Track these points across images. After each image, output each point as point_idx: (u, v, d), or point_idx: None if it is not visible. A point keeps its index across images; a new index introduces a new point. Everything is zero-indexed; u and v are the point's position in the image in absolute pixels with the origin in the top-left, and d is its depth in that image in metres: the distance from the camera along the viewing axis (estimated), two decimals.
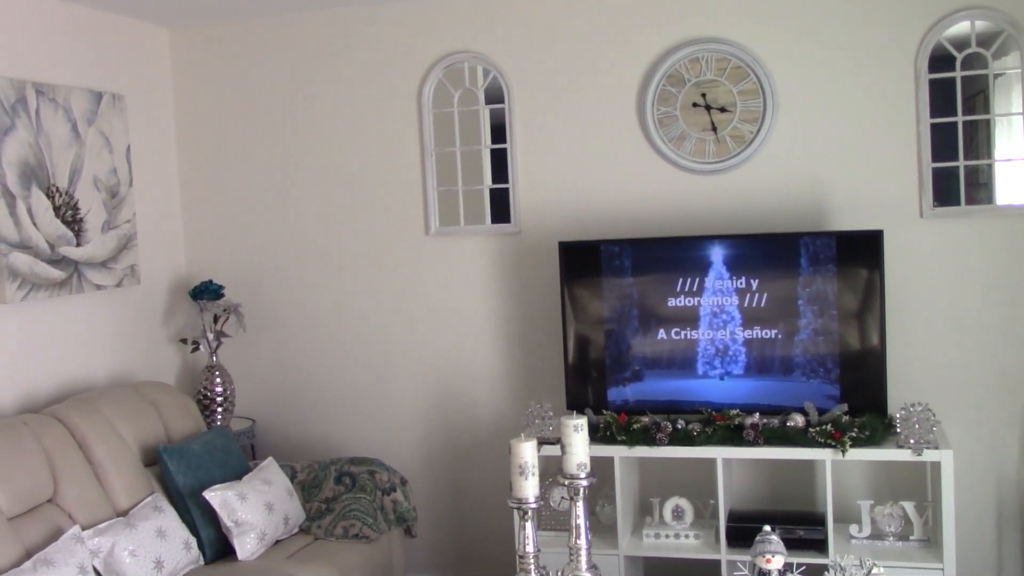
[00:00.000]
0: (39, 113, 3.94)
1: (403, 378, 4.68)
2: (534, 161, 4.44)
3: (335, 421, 4.77)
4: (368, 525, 3.93)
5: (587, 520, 2.98)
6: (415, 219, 4.60)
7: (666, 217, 4.27)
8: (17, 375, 3.85)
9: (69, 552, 3.13)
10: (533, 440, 2.89)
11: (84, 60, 4.26)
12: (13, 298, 3.79)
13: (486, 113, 4.49)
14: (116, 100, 4.38)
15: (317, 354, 4.78)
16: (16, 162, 3.81)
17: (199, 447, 3.89)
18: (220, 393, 4.57)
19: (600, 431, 3.96)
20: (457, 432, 4.63)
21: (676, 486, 4.16)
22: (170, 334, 4.77)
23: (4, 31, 3.84)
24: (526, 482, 2.87)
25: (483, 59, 4.45)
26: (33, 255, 3.88)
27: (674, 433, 3.89)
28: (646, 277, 4.07)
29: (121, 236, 4.38)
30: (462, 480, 4.64)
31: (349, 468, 4.11)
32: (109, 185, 4.32)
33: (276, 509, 3.82)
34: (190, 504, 3.71)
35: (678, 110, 4.22)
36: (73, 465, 3.51)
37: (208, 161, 4.87)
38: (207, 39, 4.81)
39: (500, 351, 4.54)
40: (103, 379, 4.31)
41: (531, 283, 4.47)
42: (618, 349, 4.10)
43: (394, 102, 4.58)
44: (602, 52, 4.31)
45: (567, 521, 4.01)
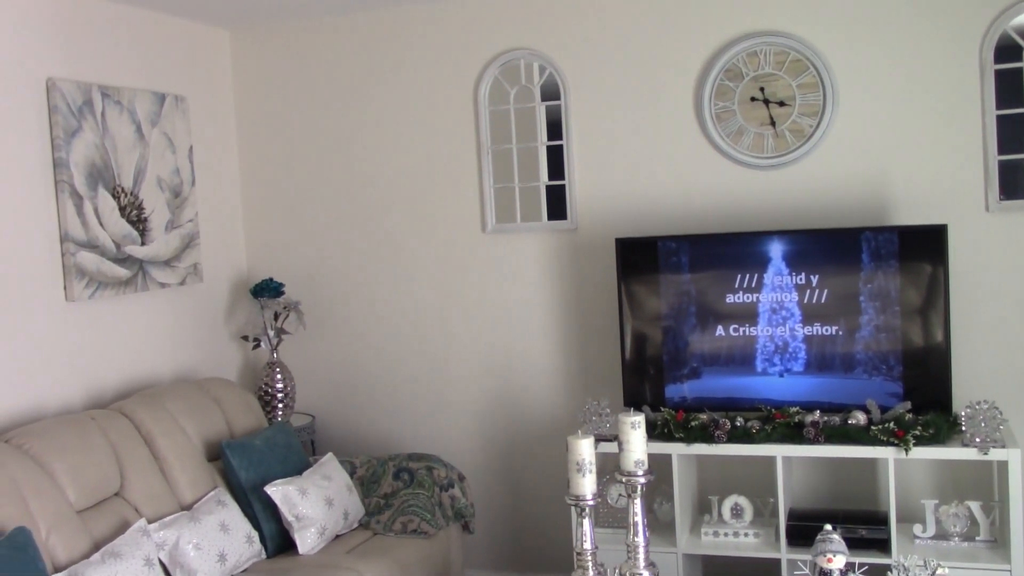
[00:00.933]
0: (105, 115, 4.03)
1: (461, 374, 4.70)
2: (590, 157, 4.43)
3: (394, 417, 4.81)
4: (426, 521, 3.95)
5: (645, 517, 2.97)
6: (472, 216, 4.62)
7: (724, 213, 4.23)
8: (85, 371, 3.95)
9: (136, 545, 3.20)
10: (590, 437, 2.89)
11: (148, 63, 4.35)
12: (81, 296, 3.88)
13: (542, 110, 4.49)
14: (179, 101, 4.46)
15: (376, 351, 4.82)
16: (83, 163, 3.91)
17: (261, 443, 3.95)
18: (281, 389, 4.63)
19: (658, 428, 3.94)
20: (514, 428, 4.64)
21: (735, 484, 4.13)
22: (232, 331, 4.85)
23: (70, 36, 3.93)
24: (583, 479, 2.87)
25: (539, 56, 4.45)
26: (100, 254, 3.97)
27: (733, 431, 3.86)
28: (704, 273, 4.04)
29: (184, 235, 4.47)
30: (519, 476, 4.65)
31: (407, 464, 4.14)
32: (172, 185, 4.40)
33: (336, 504, 3.86)
34: (252, 499, 3.76)
35: (736, 104, 4.18)
36: (139, 460, 3.59)
37: (268, 160, 4.93)
38: (267, 40, 4.87)
39: (557, 348, 4.54)
40: (167, 375, 4.40)
41: (588, 280, 4.46)
42: (676, 346, 4.08)
43: (451, 100, 4.60)
44: (659, 47, 4.29)
45: (624, 518, 4.00)
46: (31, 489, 3.12)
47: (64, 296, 3.85)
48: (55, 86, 3.80)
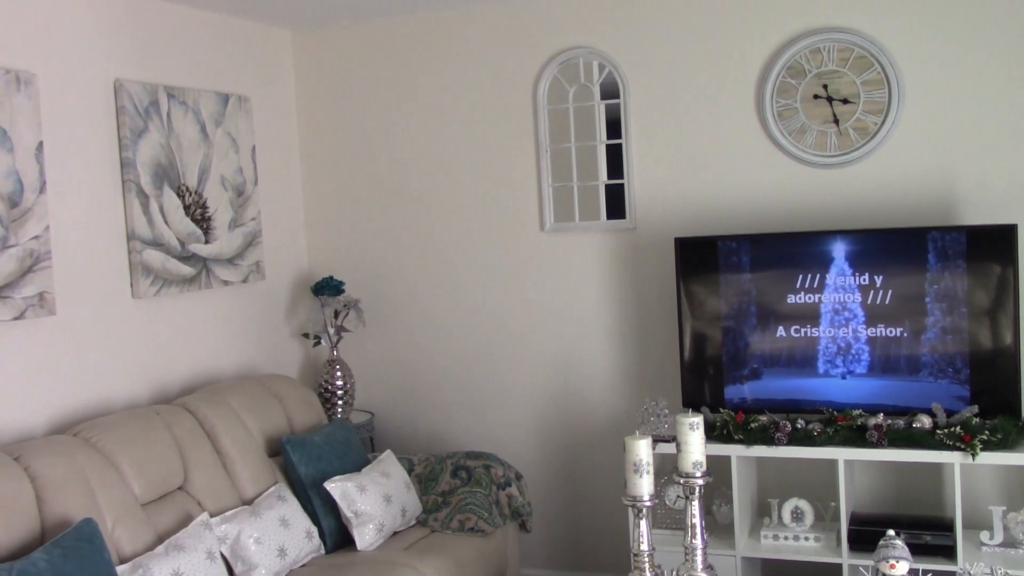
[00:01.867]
0: (170, 116, 4.10)
1: (518, 373, 4.70)
2: (650, 156, 4.40)
3: (451, 415, 4.84)
4: (483, 519, 3.96)
5: (703, 519, 2.94)
6: (530, 215, 4.62)
7: (785, 212, 4.17)
8: (150, 367, 4.02)
9: (198, 538, 3.25)
10: (648, 438, 2.87)
11: (212, 64, 4.42)
12: (146, 293, 3.96)
13: (601, 108, 4.47)
14: (242, 102, 4.53)
15: (434, 349, 4.85)
16: (149, 163, 3.98)
17: (320, 439, 4.00)
18: (340, 386, 4.68)
19: (716, 429, 3.90)
20: (572, 428, 4.63)
21: (795, 487, 4.08)
22: (293, 329, 4.91)
23: (137, 38, 4.01)
24: (641, 480, 2.85)
25: (599, 54, 4.43)
26: (165, 252, 4.05)
27: (794, 433, 3.81)
28: (765, 273, 3.99)
29: (247, 233, 4.53)
30: (576, 476, 4.64)
31: (465, 462, 4.15)
32: (235, 184, 4.47)
33: (394, 501, 3.89)
34: (311, 494, 3.81)
35: (798, 102, 4.12)
36: (202, 454, 3.65)
37: (329, 159, 4.99)
38: (328, 40, 4.92)
39: (615, 347, 4.52)
40: (230, 371, 4.47)
41: (646, 279, 4.43)
42: (735, 346, 4.04)
43: (510, 99, 4.60)
44: (719, 44, 4.24)
45: (682, 520, 3.97)
46: (99, 481, 3.19)
47: (131, 293, 3.93)
48: (123, 87, 3.88)
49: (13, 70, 3.41)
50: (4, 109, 3.36)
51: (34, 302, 3.46)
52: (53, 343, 3.59)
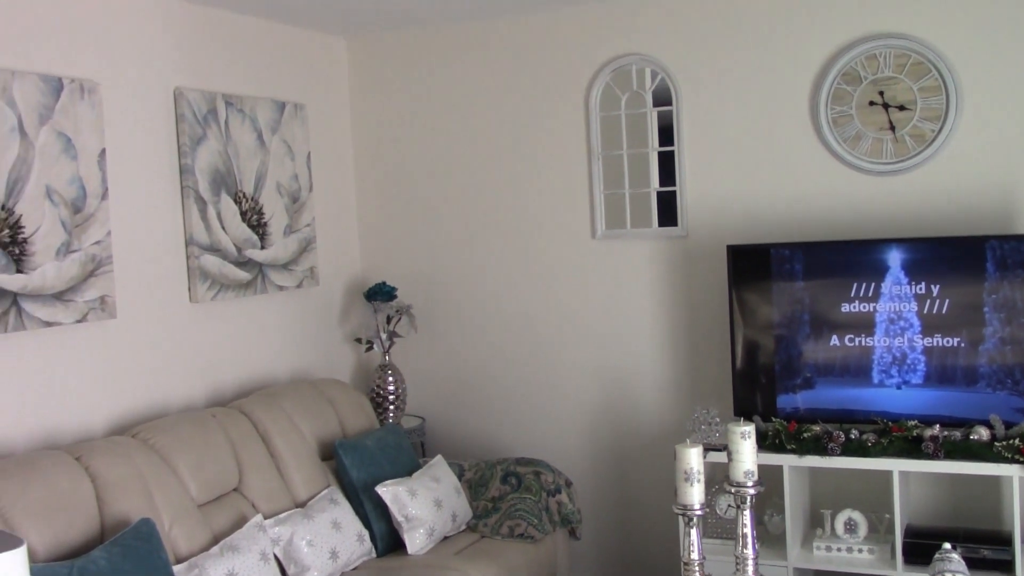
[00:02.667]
0: (228, 123, 4.17)
1: (569, 380, 4.71)
2: (702, 163, 4.38)
3: (502, 421, 4.85)
4: (533, 525, 3.97)
5: (754, 529, 2.92)
6: (582, 222, 4.62)
7: (840, 220, 4.13)
8: (207, 370, 4.09)
9: (252, 539, 3.30)
10: (699, 446, 2.86)
11: (268, 72, 4.49)
12: (204, 298, 4.03)
13: (653, 116, 4.46)
14: (298, 109, 4.60)
15: (485, 355, 4.87)
16: (207, 170, 4.06)
17: (372, 443, 4.03)
18: (392, 391, 4.72)
19: (768, 439, 3.87)
20: (622, 435, 4.62)
21: (849, 498, 4.03)
22: (346, 333, 4.96)
23: (196, 47, 4.09)
24: (691, 488, 2.84)
25: (651, 61, 4.42)
26: (222, 257, 4.12)
27: (847, 443, 3.77)
28: (818, 281, 3.96)
29: (301, 239, 4.59)
30: (627, 483, 4.63)
31: (515, 468, 4.16)
32: (291, 190, 4.53)
33: (444, 506, 3.91)
34: (363, 498, 3.84)
35: (854, 109, 4.08)
36: (257, 457, 3.71)
37: (382, 166, 5.04)
38: (382, 48, 4.98)
39: (666, 355, 4.51)
40: (283, 375, 4.53)
41: (698, 287, 4.41)
42: (788, 355, 4.00)
43: (562, 106, 4.62)
44: (773, 50, 4.22)
45: (733, 529, 3.95)
46: (156, 482, 3.25)
47: (189, 298, 4.00)
48: (182, 95, 3.96)
49: (78, 79, 3.50)
50: (69, 117, 3.45)
51: (96, 306, 3.54)
52: (113, 346, 3.67)
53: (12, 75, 3.26)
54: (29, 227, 3.31)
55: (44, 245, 3.36)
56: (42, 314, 3.35)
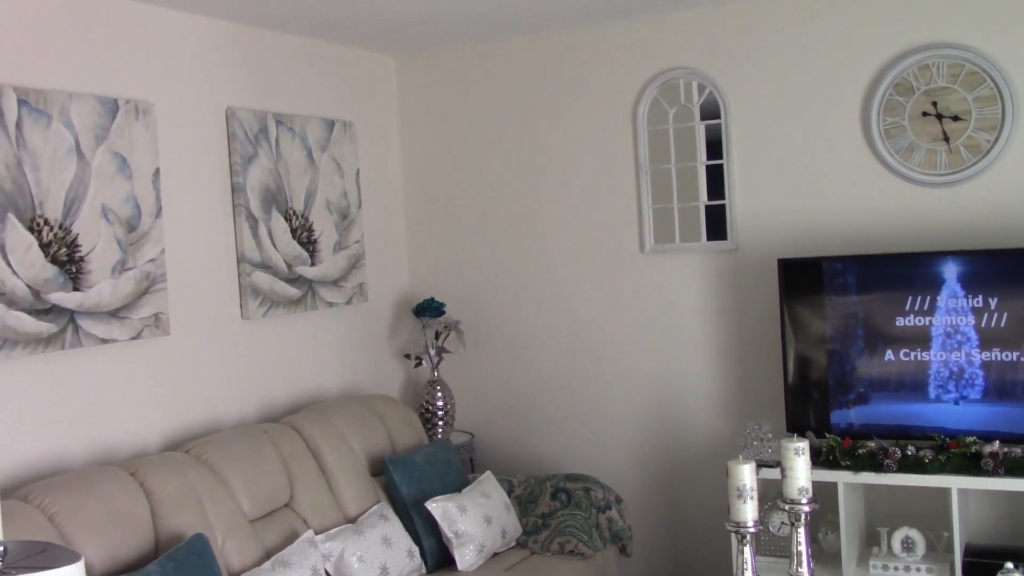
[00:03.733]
0: (279, 141, 4.22)
1: (618, 395, 4.68)
2: (752, 176, 4.35)
3: (551, 437, 4.83)
4: (584, 542, 3.95)
5: (809, 547, 2.87)
6: (630, 236, 4.60)
7: (893, 232, 4.07)
8: (258, 386, 4.13)
9: (303, 555, 3.32)
10: (752, 462, 2.82)
11: (318, 90, 4.54)
12: (255, 314, 4.07)
13: (701, 129, 4.44)
14: (347, 127, 4.64)
15: (534, 370, 4.86)
16: (258, 188, 4.11)
17: (422, 459, 4.04)
18: (441, 407, 4.73)
19: (822, 455, 3.82)
20: (672, 451, 4.58)
21: (905, 516, 3.95)
22: (394, 349, 4.98)
23: (247, 66, 4.14)
24: (744, 505, 2.80)
25: (699, 75, 4.40)
26: (273, 274, 4.16)
27: (903, 459, 3.70)
28: (872, 295, 3.90)
29: (351, 256, 4.63)
30: (677, 500, 4.58)
31: (565, 484, 4.14)
32: (340, 208, 4.57)
33: (494, 522, 3.90)
34: (413, 514, 3.85)
35: (906, 120, 4.03)
36: (307, 472, 3.73)
37: (430, 183, 5.06)
38: (430, 66, 5.01)
39: (716, 370, 4.46)
40: (333, 391, 4.56)
41: (748, 301, 4.37)
42: (842, 370, 3.94)
43: (610, 121, 4.61)
44: (823, 62, 4.18)
45: (786, 547, 3.89)
46: (209, 497, 3.28)
47: (240, 314, 4.05)
48: (234, 115, 4.01)
49: (133, 100, 3.56)
50: (124, 137, 3.51)
51: (150, 322, 3.59)
52: (167, 362, 3.72)
53: (69, 97, 3.33)
54: (85, 246, 3.37)
55: (100, 263, 3.42)
56: (98, 331, 3.40)
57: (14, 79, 3.19)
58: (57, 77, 3.34)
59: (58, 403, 3.32)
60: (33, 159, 3.20)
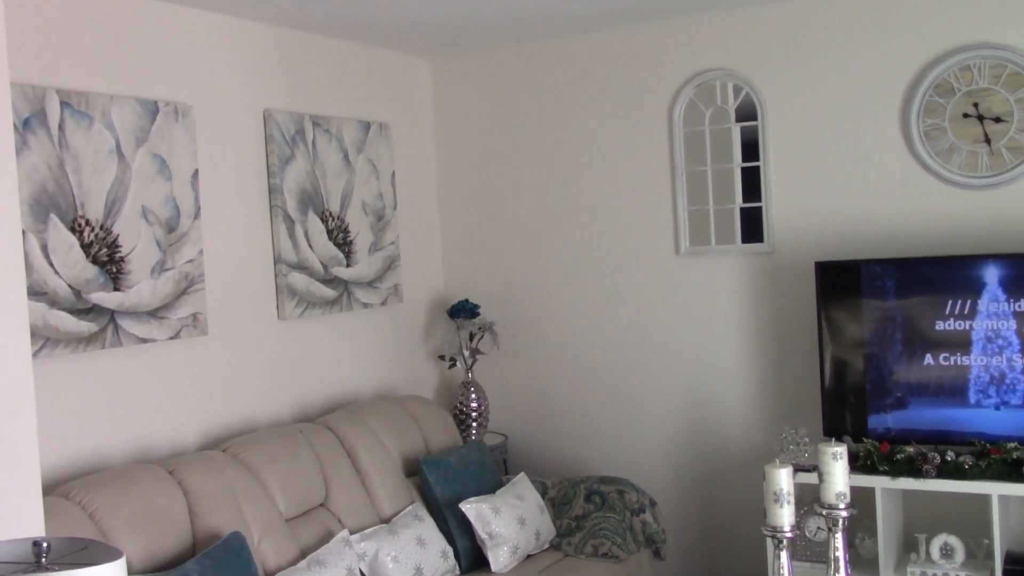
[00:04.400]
0: (315, 143, 4.25)
1: (652, 398, 4.66)
2: (789, 178, 4.32)
3: (585, 439, 4.82)
4: (618, 545, 3.93)
5: (847, 553, 2.84)
6: (666, 239, 4.58)
7: (933, 235, 4.02)
8: (294, 386, 4.16)
9: (339, 554, 3.33)
10: (789, 467, 2.80)
11: (354, 92, 4.56)
12: (291, 315, 4.10)
13: (737, 131, 4.41)
14: (382, 129, 4.66)
15: (568, 372, 4.85)
16: (295, 189, 4.13)
17: (456, 460, 4.04)
18: (475, 408, 4.73)
19: (860, 460, 3.78)
20: (707, 454, 4.56)
21: (944, 522, 3.90)
22: (429, 350, 4.99)
23: (285, 69, 4.17)
24: (781, 510, 2.77)
25: (736, 76, 4.38)
26: (309, 275, 4.19)
27: (943, 465, 3.66)
28: (911, 299, 3.86)
29: (386, 257, 4.64)
30: (712, 504, 4.56)
31: (599, 487, 4.13)
32: (376, 209, 4.59)
33: (528, 524, 3.90)
34: (447, 515, 3.85)
35: (947, 121, 3.98)
36: (342, 472, 3.75)
37: (465, 184, 5.07)
38: (465, 68, 5.02)
39: (752, 373, 4.43)
40: (368, 391, 4.58)
41: (785, 304, 4.34)
42: (879, 374, 3.90)
43: (645, 122, 4.59)
44: (863, 62, 4.14)
45: (823, 552, 3.86)
46: (246, 496, 3.31)
47: (277, 315, 4.07)
48: (271, 117, 4.04)
49: (172, 102, 3.60)
50: (164, 139, 3.55)
51: (188, 322, 3.62)
52: (204, 362, 3.75)
53: (111, 99, 3.37)
54: (126, 246, 3.41)
55: (140, 264, 3.45)
56: (137, 331, 3.44)
57: (57, 82, 3.23)
58: (98, 79, 3.38)
59: (98, 401, 3.36)
60: (75, 160, 3.24)
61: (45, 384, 3.16)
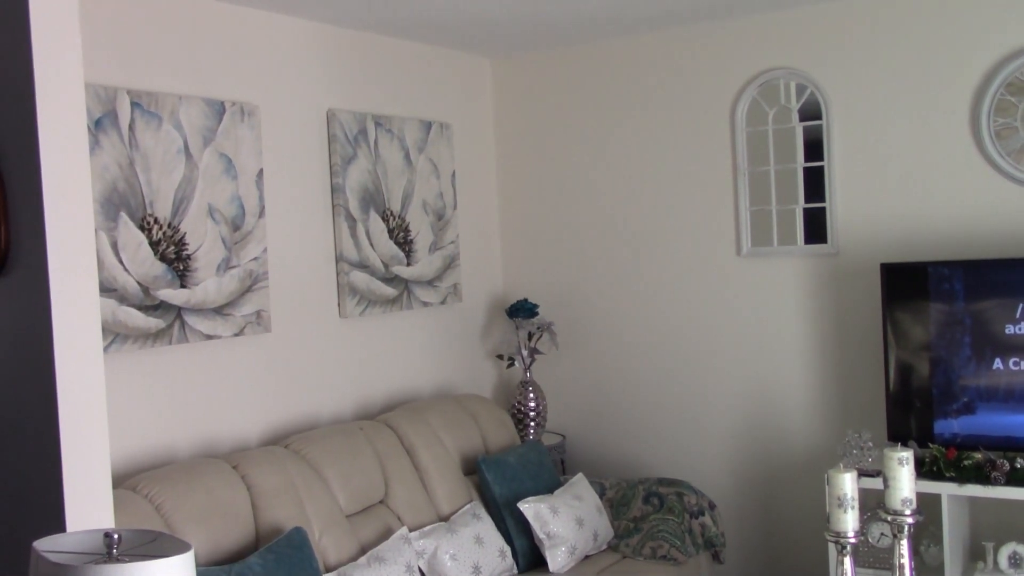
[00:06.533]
0: (377, 143, 4.28)
1: (713, 400, 4.62)
2: (853, 179, 4.25)
3: (643, 440, 4.80)
4: (676, 547, 3.91)
5: (912, 560, 2.79)
6: (727, 239, 4.54)
7: (1004, 237, 3.93)
8: (354, 384, 4.20)
9: (398, 551, 3.36)
10: (853, 471, 2.76)
11: (416, 92, 4.59)
12: (352, 313, 4.13)
13: (800, 131, 4.35)
14: (443, 129, 4.68)
15: (627, 373, 4.83)
16: (357, 188, 4.17)
17: (514, 459, 4.05)
18: (533, 408, 4.73)
19: (925, 466, 3.71)
20: (768, 458, 4.51)
21: (1013, 530, 3.81)
22: (487, 350, 5.00)
23: (347, 69, 4.21)
24: (845, 515, 2.73)
25: (800, 75, 4.32)
26: (370, 274, 4.22)
27: (1012, 472, 3.57)
28: (980, 302, 3.77)
29: (445, 256, 4.67)
30: (772, 508, 4.50)
31: (658, 489, 4.11)
32: (436, 208, 4.62)
33: (586, 524, 3.89)
34: (505, 514, 3.86)
35: (1019, 121, 3.89)
36: (402, 470, 3.77)
37: (525, 184, 5.07)
38: (525, 68, 5.02)
39: (814, 376, 4.37)
40: (427, 390, 4.60)
41: (848, 306, 4.27)
42: (947, 379, 3.83)
43: (707, 122, 4.55)
44: (931, 60, 4.06)
45: (886, 559, 3.80)
46: (307, 492, 3.35)
47: (338, 313, 4.12)
48: (334, 117, 4.08)
49: (239, 103, 3.65)
50: (230, 139, 3.61)
51: (252, 319, 3.68)
52: (267, 359, 3.80)
53: (179, 100, 3.43)
54: (192, 244, 3.47)
55: (206, 261, 3.51)
56: (203, 327, 3.50)
57: (127, 82, 3.30)
58: (167, 80, 3.45)
59: (164, 396, 3.43)
60: (144, 159, 3.31)
61: (114, 379, 3.22)
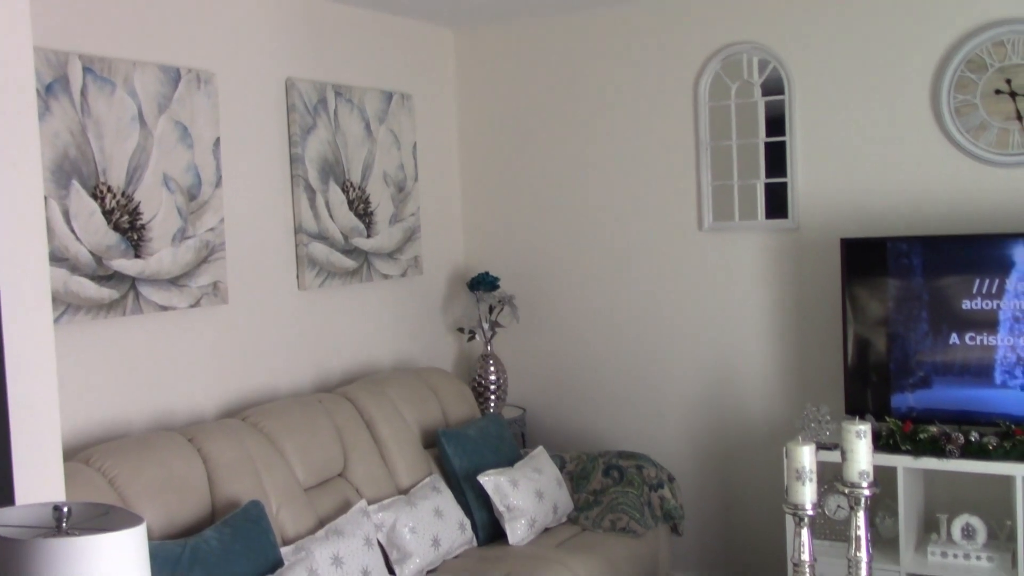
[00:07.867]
0: (337, 113, 4.22)
1: (673, 373, 4.64)
2: (815, 154, 4.26)
3: (604, 413, 4.81)
4: (635, 520, 3.93)
5: (868, 532, 2.83)
6: (689, 214, 4.54)
7: (961, 213, 3.97)
8: (313, 355, 4.16)
9: (357, 524, 3.34)
10: (811, 444, 2.78)
11: (377, 62, 4.53)
12: (311, 285, 4.09)
13: (762, 105, 4.35)
14: (405, 99, 4.63)
15: (587, 346, 4.83)
16: (316, 159, 4.11)
17: (474, 432, 4.04)
18: (494, 381, 4.72)
19: (882, 439, 3.75)
20: (727, 431, 4.54)
21: (966, 503, 3.87)
22: (448, 323, 4.98)
23: (307, 38, 4.14)
24: (803, 487, 2.76)
25: (763, 49, 4.31)
26: (329, 245, 4.17)
27: (967, 445, 3.62)
28: (937, 277, 3.81)
29: (406, 228, 4.62)
30: (731, 480, 4.54)
31: (617, 462, 4.12)
32: (397, 180, 4.57)
33: (546, 497, 3.89)
34: (465, 487, 3.85)
35: (978, 98, 3.91)
36: (361, 443, 3.75)
37: (487, 156, 5.04)
38: (488, 39, 4.97)
39: (774, 350, 4.40)
40: (387, 363, 4.57)
41: (808, 281, 4.29)
42: (904, 353, 3.86)
43: (670, 96, 4.54)
44: (893, 37, 4.07)
45: (843, 531, 3.84)
46: (265, 465, 3.31)
47: (297, 285, 4.07)
48: (293, 86, 4.01)
49: (194, 70, 3.58)
50: (186, 107, 3.53)
51: (208, 291, 3.62)
52: (224, 331, 3.75)
53: (133, 66, 3.35)
54: (147, 213, 3.40)
55: (161, 231, 3.45)
56: (158, 298, 3.44)
57: (79, 47, 3.22)
58: (121, 46, 3.36)
59: (118, 368, 3.36)
60: (97, 127, 3.23)
61: (66, 350, 3.16)
